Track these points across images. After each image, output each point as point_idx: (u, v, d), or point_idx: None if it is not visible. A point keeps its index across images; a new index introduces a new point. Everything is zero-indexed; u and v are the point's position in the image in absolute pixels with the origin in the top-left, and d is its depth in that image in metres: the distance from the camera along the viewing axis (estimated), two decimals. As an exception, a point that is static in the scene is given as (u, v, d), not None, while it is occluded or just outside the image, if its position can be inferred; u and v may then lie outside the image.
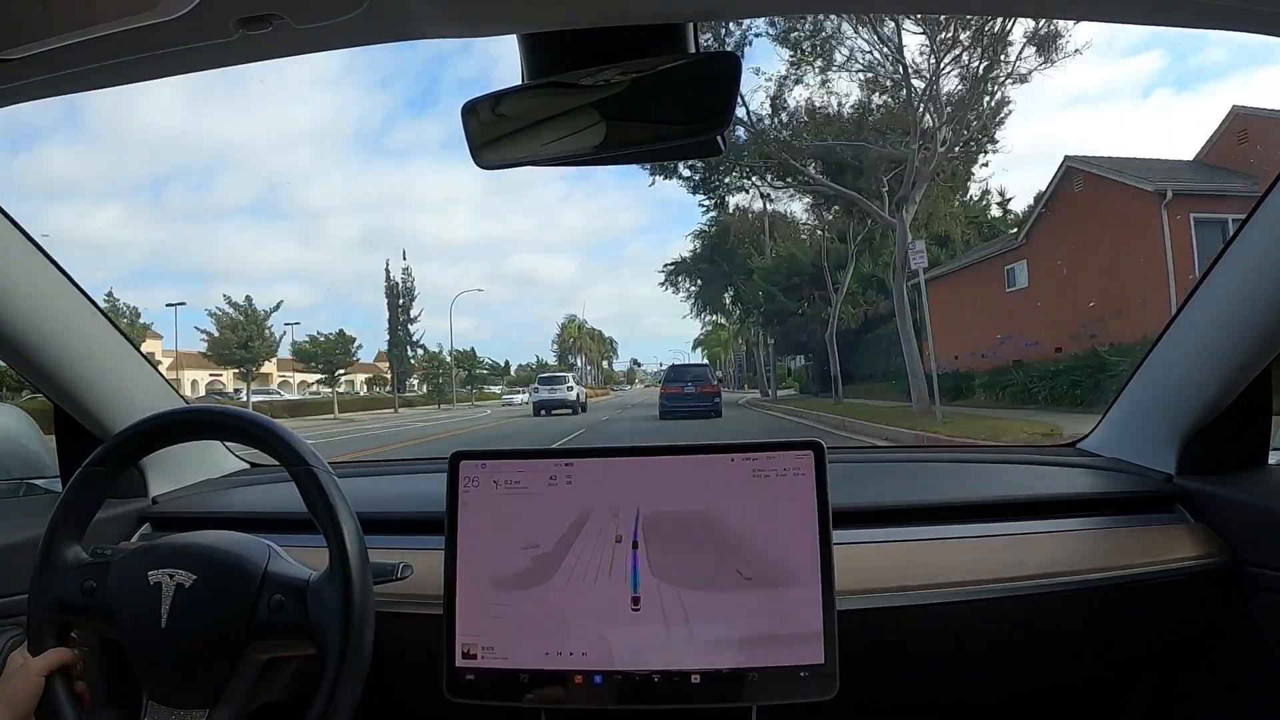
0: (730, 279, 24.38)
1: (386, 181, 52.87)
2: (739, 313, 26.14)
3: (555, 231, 60.88)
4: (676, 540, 0.83)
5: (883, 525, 1.00)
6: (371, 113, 57.31)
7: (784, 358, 27.83)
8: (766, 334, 23.68)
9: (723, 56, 0.67)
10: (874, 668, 0.86)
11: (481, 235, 53.67)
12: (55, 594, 0.77)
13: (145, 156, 47.95)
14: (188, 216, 55.21)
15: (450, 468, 0.87)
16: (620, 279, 69.01)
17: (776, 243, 22.13)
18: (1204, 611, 0.98)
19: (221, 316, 23.20)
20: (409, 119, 59.84)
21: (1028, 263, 15.08)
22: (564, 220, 61.20)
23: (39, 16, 0.55)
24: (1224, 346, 0.96)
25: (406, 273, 33.16)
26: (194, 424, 0.86)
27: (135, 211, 47.60)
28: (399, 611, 0.91)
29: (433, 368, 34.35)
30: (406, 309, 31.00)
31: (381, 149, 54.46)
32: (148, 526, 1.16)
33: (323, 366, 27.09)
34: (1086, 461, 1.21)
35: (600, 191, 72.10)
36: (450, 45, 7.96)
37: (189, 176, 47.97)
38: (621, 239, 67.72)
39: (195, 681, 0.74)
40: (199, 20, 0.57)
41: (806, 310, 19.35)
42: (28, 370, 1.05)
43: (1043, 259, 14.39)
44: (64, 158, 40.73)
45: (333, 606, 0.72)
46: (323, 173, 58.34)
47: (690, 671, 0.80)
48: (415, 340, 31.40)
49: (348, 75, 72.95)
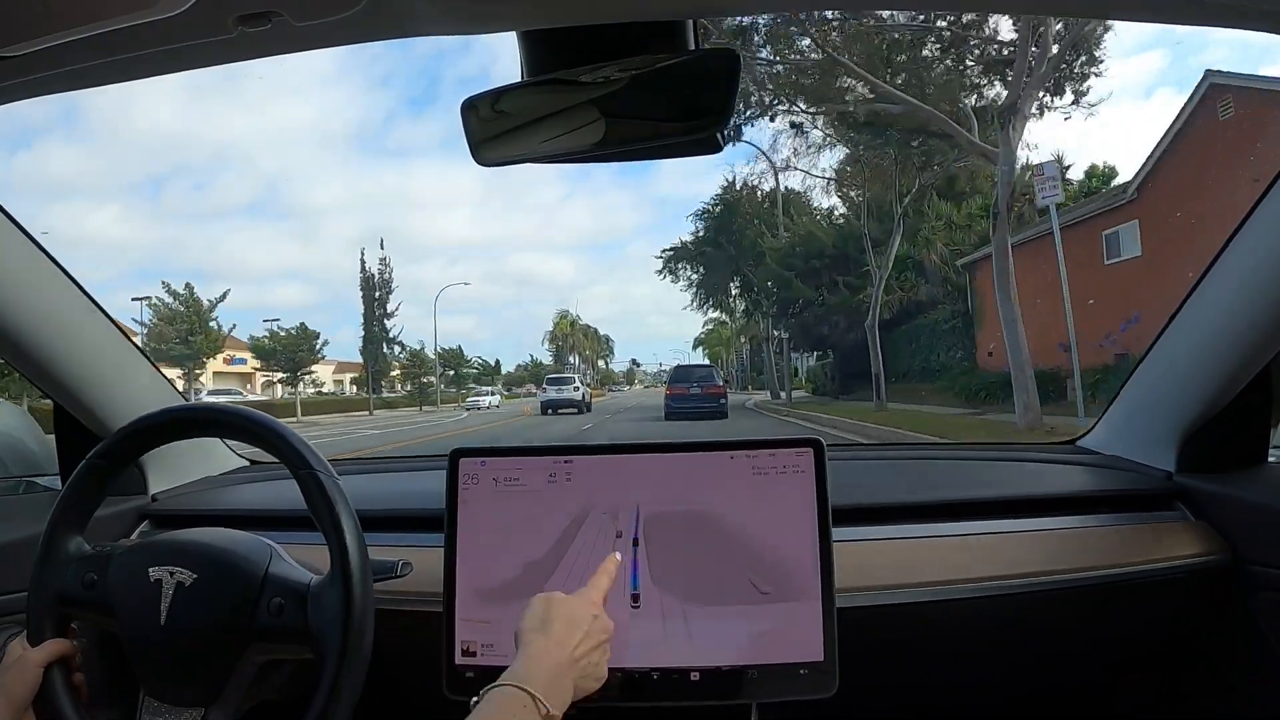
0: (737, 265, 21.94)
1: (386, 180, 52.44)
2: (747, 303, 23.31)
3: (555, 231, 60.27)
4: (676, 538, 0.83)
5: (883, 523, 1.00)
6: (371, 111, 56.89)
7: (795, 355, 24.62)
8: (778, 327, 20.79)
9: (722, 53, 0.66)
10: (874, 666, 0.86)
11: (482, 235, 53.22)
12: (55, 586, 0.77)
13: (143, 155, 47.71)
14: (188, 216, 54.96)
15: (450, 465, 0.87)
16: (620, 279, 68.68)
17: (793, 220, 19.11)
18: (1204, 610, 0.98)
19: (160, 307, 21.43)
20: (409, 117, 59.44)
21: (1139, 224, 11.66)
22: (564, 220, 60.61)
23: (39, 14, 0.55)
24: (1224, 344, 0.96)
25: (384, 264, 30.56)
26: (194, 421, 0.86)
27: (133, 210, 47.36)
28: (398, 609, 0.91)
29: (413, 366, 32.40)
30: (383, 303, 29.16)
31: (381, 148, 54.00)
32: (147, 524, 1.16)
33: (283, 365, 25.27)
34: (1086, 459, 1.21)
35: (600, 191, 71.53)
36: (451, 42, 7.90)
37: (188, 175, 47.69)
38: (621, 239, 67.37)
39: (193, 680, 0.74)
40: (198, 17, 0.56)
41: (827, 298, 16.87)
42: (28, 368, 1.05)
43: (1162, 218, 10.84)
44: (61, 156, 40.48)
45: (333, 612, 0.72)
46: (322, 171, 58.01)
47: (690, 669, 0.80)
48: (393, 337, 29.68)
49: (347, 73, 72.60)
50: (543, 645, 0.67)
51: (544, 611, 0.70)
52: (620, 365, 68.94)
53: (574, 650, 0.69)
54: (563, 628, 0.69)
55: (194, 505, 1.22)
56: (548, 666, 0.66)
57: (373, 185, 52.18)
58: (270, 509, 1.12)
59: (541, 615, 0.70)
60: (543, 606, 0.71)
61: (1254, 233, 0.89)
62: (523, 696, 0.62)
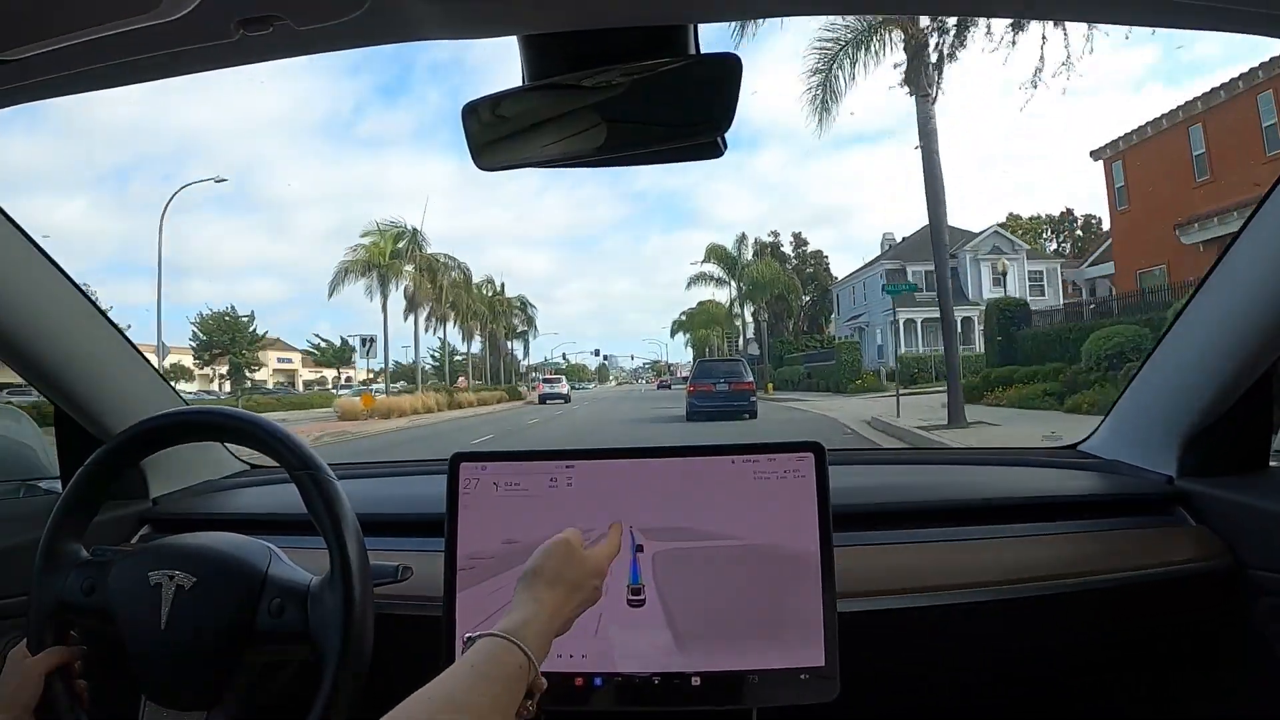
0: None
1: (358, 171, 51.22)
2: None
3: (531, 225, 59.21)
4: (677, 542, 0.83)
5: (883, 528, 1.00)
6: (341, 100, 55.64)
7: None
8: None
9: (724, 58, 0.66)
10: (876, 670, 0.85)
11: (463, 227, 52.15)
12: (55, 593, 0.77)
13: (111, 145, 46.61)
14: (156, 207, 53.94)
15: (450, 469, 0.87)
16: (596, 274, 67.82)
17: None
18: (1204, 614, 0.98)
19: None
20: (382, 107, 58.24)
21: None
22: (540, 213, 59.57)
23: (40, 17, 0.55)
24: (1225, 349, 0.96)
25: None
26: (194, 425, 0.86)
27: (100, 202, 46.47)
28: (398, 613, 0.91)
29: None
30: None
31: (352, 137, 52.75)
32: (148, 528, 1.16)
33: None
34: (1087, 463, 1.21)
35: (578, 184, 70.82)
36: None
37: (155, 166, 46.63)
38: (598, 233, 66.60)
39: (194, 683, 0.74)
40: (199, 21, 0.57)
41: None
42: (28, 371, 1.04)
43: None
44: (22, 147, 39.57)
45: (333, 613, 0.72)
46: (291, 162, 56.58)
47: (690, 674, 0.80)
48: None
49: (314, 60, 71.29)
50: (548, 601, 0.65)
51: (560, 564, 0.68)
52: (547, 346, 61.23)
53: (569, 612, 0.67)
54: (568, 589, 0.67)
55: (194, 509, 1.22)
56: (544, 621, 0.64)
57: (345, 175, 50.65)
58: (270, 513, 1.12)
59: (557, 568, 0.68)
60: (560, 558, 0.69)
61: (1254, 238, 0.89)
62: (518, 655, 0.59)
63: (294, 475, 0.76)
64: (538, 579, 0.67)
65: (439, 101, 58.73)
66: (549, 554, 0.69)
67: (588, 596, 0.70)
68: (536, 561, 0.68)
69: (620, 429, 12.54)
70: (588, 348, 47.22)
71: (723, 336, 35.01)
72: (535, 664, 0.60)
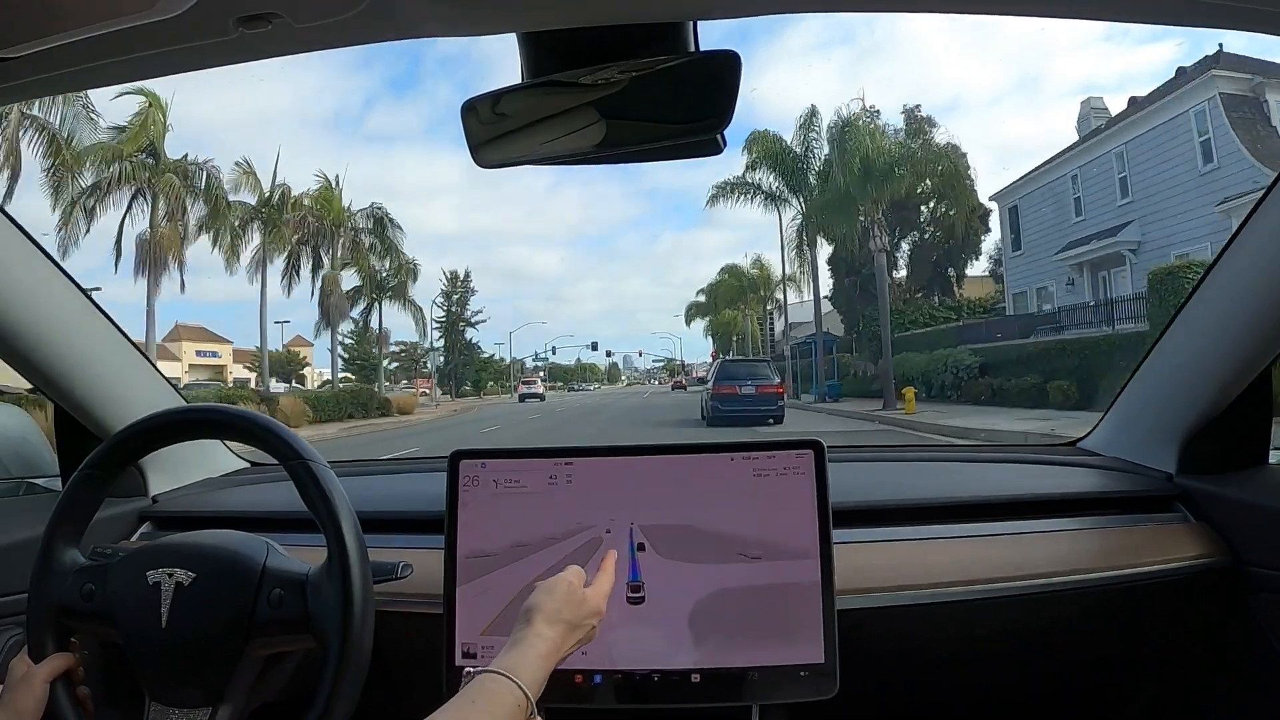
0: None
1: (367, 168, 50.53)
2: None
3: (543, 223, 58.65)
4: (677, 539, 0.83)
5: (883, 525, 1.00)
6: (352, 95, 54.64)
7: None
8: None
9: (723, 55, 0.66)
10: (874, 667, 0.85)
11: (472, 225, 51.28)
12: (55, 599, 0.77)
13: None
14: None
15: (450, 467, 0.87)
16: (609, 274, 67.62)
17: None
18: (1204, 611, 0.98)
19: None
20: (392, 101, 57.33)
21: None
22: (552, 211, 59.10)
23: (39, 15, 0.55)
24: (1225, 346, 0.96)
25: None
26: (192, 423, 0.86)
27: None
28: (399, 611, 0.91)
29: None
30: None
31: (361, 133, 51.81)
32: (148, 525, 1.16)
33: None
34: (1087, 461, 1.21)
35: (590, 181, 70.59)
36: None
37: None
38: (611, 232, 66.43)
39: (197, 680, 0.74)
40: (198, 19, 0.57)
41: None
42: (28, 370, 1.05)
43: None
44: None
45: (332, 598, 0.72)
46: (301, 158, 55.69)
47: (690, 670, 0.80)
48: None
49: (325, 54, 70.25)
50: (548, 639, 0.67)
51: (561, 603, 0.70)
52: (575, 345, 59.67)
53: (567, 649, 0.69)
54: (567, 628, 0.69)
55: (194, 506, 1.22)
56: (542, 658, 0.65)
57: (355, 171, 49.67)
58: (270, 510, 1.12)
59: (557, 607, 0.69)
60: (561, 597, 0.70)
61: (1254, 236, 0.89)
62: (517, 693, 0.61)
63: (288, 466, 0.76)
64: (538, 616, 0.68)
65: (449, 96, 58.25)
66: (550, 592, 0.70)
67: (585, 635, 0.71)
68: (537, 599, 0.70)
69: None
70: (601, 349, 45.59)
71: (758, 314, 26.03)
72: (533, 701, 0.62)
